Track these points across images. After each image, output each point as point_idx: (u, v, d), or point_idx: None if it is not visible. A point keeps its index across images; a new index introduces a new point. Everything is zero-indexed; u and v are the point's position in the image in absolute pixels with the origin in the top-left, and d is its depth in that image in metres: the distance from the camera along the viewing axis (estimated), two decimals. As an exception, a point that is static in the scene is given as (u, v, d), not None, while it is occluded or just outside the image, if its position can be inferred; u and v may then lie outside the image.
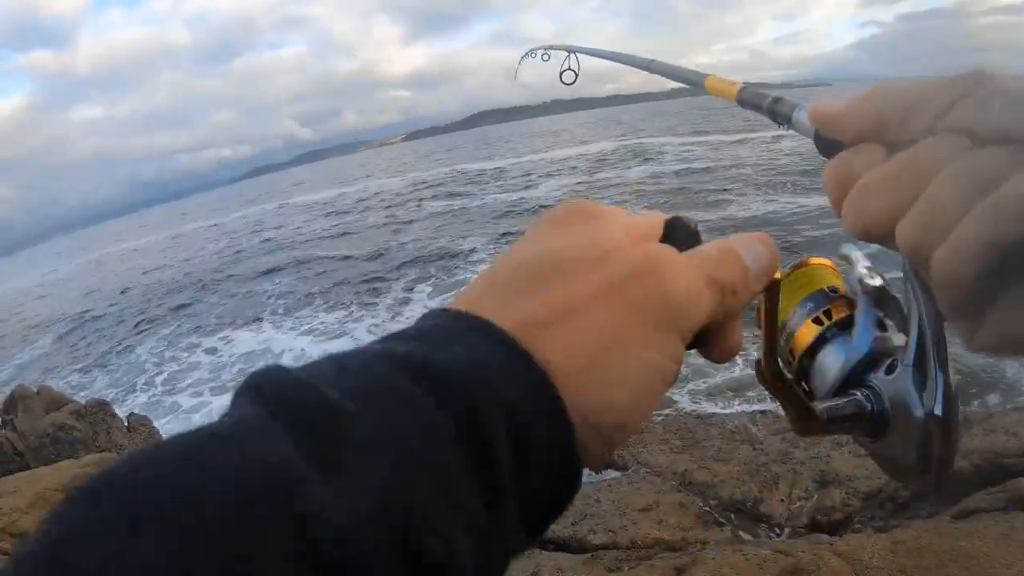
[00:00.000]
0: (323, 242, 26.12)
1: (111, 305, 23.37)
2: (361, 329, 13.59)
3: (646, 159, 33.11)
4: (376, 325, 13.52)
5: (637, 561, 3.52)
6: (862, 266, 0.56)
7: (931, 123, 0.38)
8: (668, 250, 0.38)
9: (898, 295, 0.52)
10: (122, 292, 25.11)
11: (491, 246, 18.03)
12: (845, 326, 0.56)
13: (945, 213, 0.35)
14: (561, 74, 1.82)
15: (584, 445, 0.32)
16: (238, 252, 29.40)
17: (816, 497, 4.00)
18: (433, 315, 0.35)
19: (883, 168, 0.40)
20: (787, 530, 3.84)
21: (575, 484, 0.33)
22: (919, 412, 0.47)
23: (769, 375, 0.50)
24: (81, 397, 8.95)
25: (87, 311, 22.93)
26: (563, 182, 29.70)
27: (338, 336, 13.48)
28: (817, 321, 0.57)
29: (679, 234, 0.42)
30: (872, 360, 0.53)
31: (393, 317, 13.74)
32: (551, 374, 0.32)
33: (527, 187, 30.72)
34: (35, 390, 8.08)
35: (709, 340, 0.40)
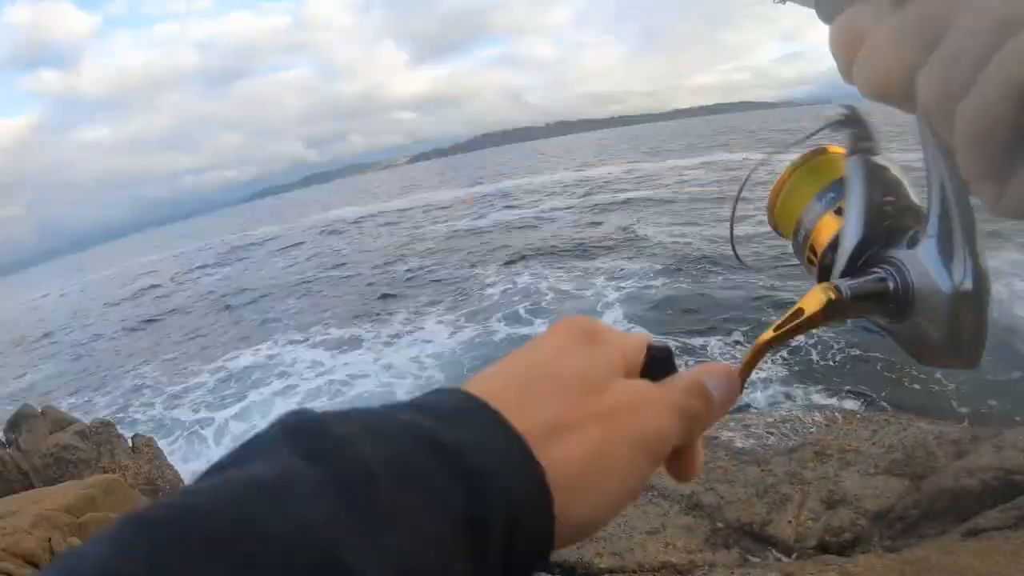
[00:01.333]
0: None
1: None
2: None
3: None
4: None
5: (644, 584, 3.49)
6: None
7: None
8: (649, 387, 0.44)
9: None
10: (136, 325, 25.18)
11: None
12: None
13: (969, 58, 0.33)
14: None
15: (558, 536, 0.37)
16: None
17: (824, 518, 3.95)
18: (454, 394, 0.40)
19: (895, 18, 0.37)
20: (796, 552, 3.79)
21: (544, 564, 0.38)
22: (946, 287, 0.44)
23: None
24: (82, 414, 8.95)
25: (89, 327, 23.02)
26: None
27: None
28: (840, 212, 0.53)
29: (657, 363, 0.48)
30: (891, 233, 0.49)
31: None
32: (548, 476, 0.37)
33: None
34: (39, 410, 8.09)
35: (674, 461, 0.46)
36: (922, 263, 0.45)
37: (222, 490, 0.28)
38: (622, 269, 15.56)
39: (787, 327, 0.48)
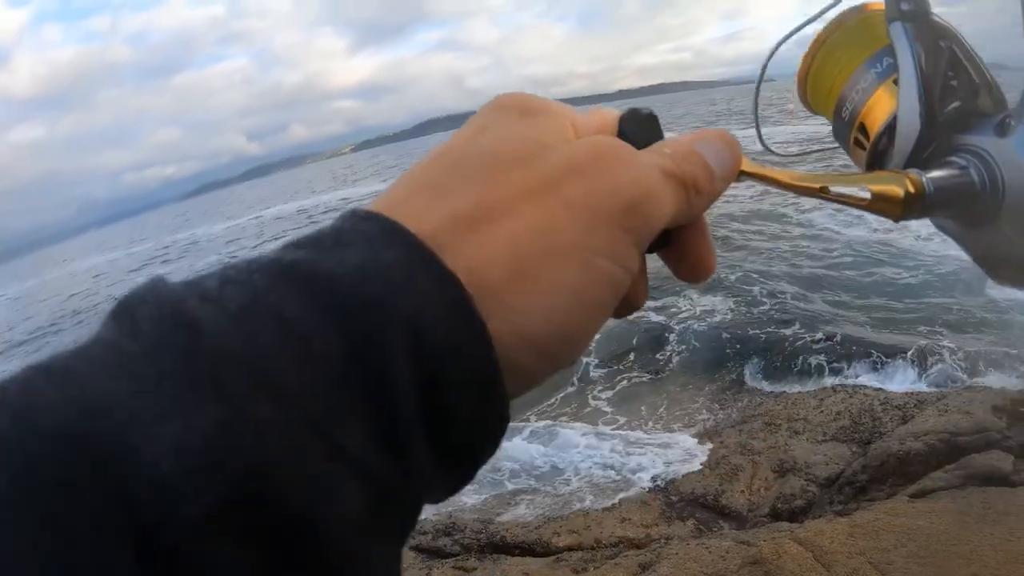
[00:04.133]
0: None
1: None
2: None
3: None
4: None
5: (602, 560, 3.51)
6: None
7: None
8: (618, 144, 0.32)
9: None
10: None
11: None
12: None
13: None
14: None
15: (515, 363, 0.28)
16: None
17: (776, 486, 4.01)
18: (341, 217, 0.29)
19: None
20: (749, 520, 3.84)
21: (501, 410, 0.28)
22: None
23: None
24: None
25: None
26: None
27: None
28: (898, 84, 0.43)
29: (635, 127, 0.35)
30: (965, 116, 0.40)
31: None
32: (471, 284, 0.27)
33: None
34: None
35: (676, 251, 0.36)
36: (1018, 155, 0.37)
37: (10, 383, 0.22)
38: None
39: (833, 195, 0.37)
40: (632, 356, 7.27)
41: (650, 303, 8.22)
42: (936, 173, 0.38)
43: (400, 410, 0.24)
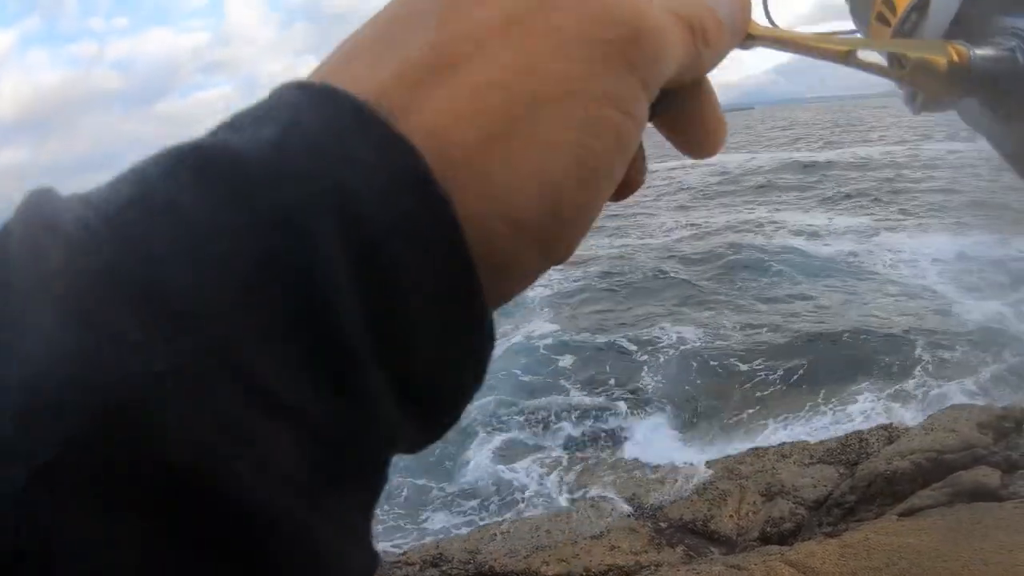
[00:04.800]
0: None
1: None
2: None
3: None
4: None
5: (592, 588, 3.45)
6: None
7: None
8: None
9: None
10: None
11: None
12: None
13: None
14: None
15: (495, 254, 0.21)
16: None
17: (764, 510, 3.98)
18: (275, 90, 0.22)
19: None
20: (738, 545, 3.80)
21: (480, 318, 0.21)
22: None
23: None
24: None
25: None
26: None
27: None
28: None
29: None
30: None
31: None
32: (429, 149, 0.20)
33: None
34: None
35: (681, 117, 0.29)
36: None
37: None
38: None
39: (862, 63, 0.33)
40: (612, 382, 7.26)
41: (627, 332, 8.26)
42: (985, 50, 0.35)
43: (336, 326, 0.18)
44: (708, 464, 4.80)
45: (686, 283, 10.22)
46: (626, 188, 0.28)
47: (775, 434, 5.63)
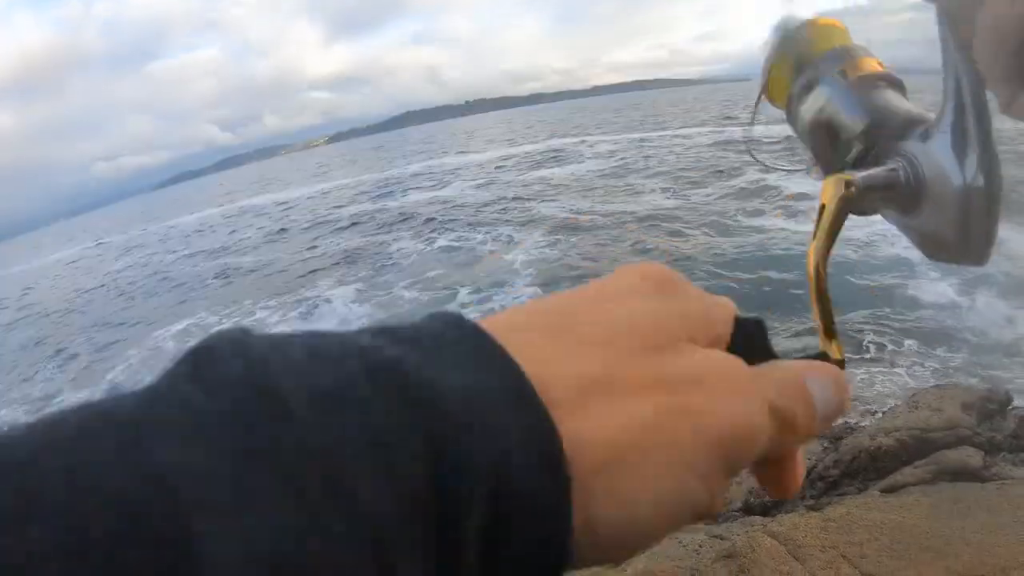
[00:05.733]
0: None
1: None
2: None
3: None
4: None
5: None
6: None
7: None
8: (738, 365, 0.31)
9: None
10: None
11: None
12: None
13: None
14: None
15: (575, 543, 0.25)
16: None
17: (747, 481, 4.02)
18: (446, 318, 0.28)
19: None
20: (721, 515, 3.84)
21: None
22: (958, 181, 0.43)
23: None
24: None
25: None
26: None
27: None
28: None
29: (748, 341, 0.35)
30: (903, 126, 0.47)
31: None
32: (570, 452, 0.25)
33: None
34: None
35: (767, 471, 0.35)
36: (935, 156, 0.45)
37: (62, 426, 0.19)
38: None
39: (822, 230, 0.45)
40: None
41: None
42: (866, 172, 0.46)
43: (464, 552, 0.22)
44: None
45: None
46: (776, 494, 0.36)
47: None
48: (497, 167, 33.55)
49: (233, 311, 14.86)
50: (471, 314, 0.28)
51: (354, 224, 23.39)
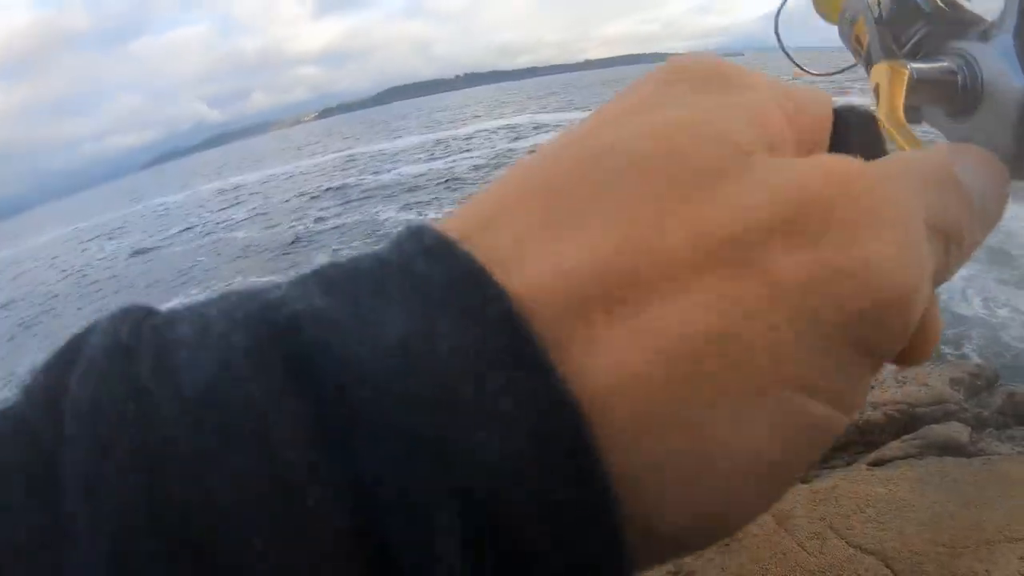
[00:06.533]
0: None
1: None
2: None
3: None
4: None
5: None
6: None
7: None
8: (864, 172, 0.18)
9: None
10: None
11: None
12: None
13: None
14: None
15: (633, 543, 0.15)
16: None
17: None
18: (399, 240, 0.17)
19: None
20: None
21: None
22: (1020, 84, 0.39)
23: None
24: None
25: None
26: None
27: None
28: None
29: (856, 136, 0.24)
30: (963, 24, 0.44)
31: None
32: (597, 425, 0.15)
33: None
34: None
35: None
36: (995, 58, 0.41)
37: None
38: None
39: (884, 100, 0.41)
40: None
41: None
42: (921, 64, 0.43)
43: None
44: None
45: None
46: (916, 357, 0.21)
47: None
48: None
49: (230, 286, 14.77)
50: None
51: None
